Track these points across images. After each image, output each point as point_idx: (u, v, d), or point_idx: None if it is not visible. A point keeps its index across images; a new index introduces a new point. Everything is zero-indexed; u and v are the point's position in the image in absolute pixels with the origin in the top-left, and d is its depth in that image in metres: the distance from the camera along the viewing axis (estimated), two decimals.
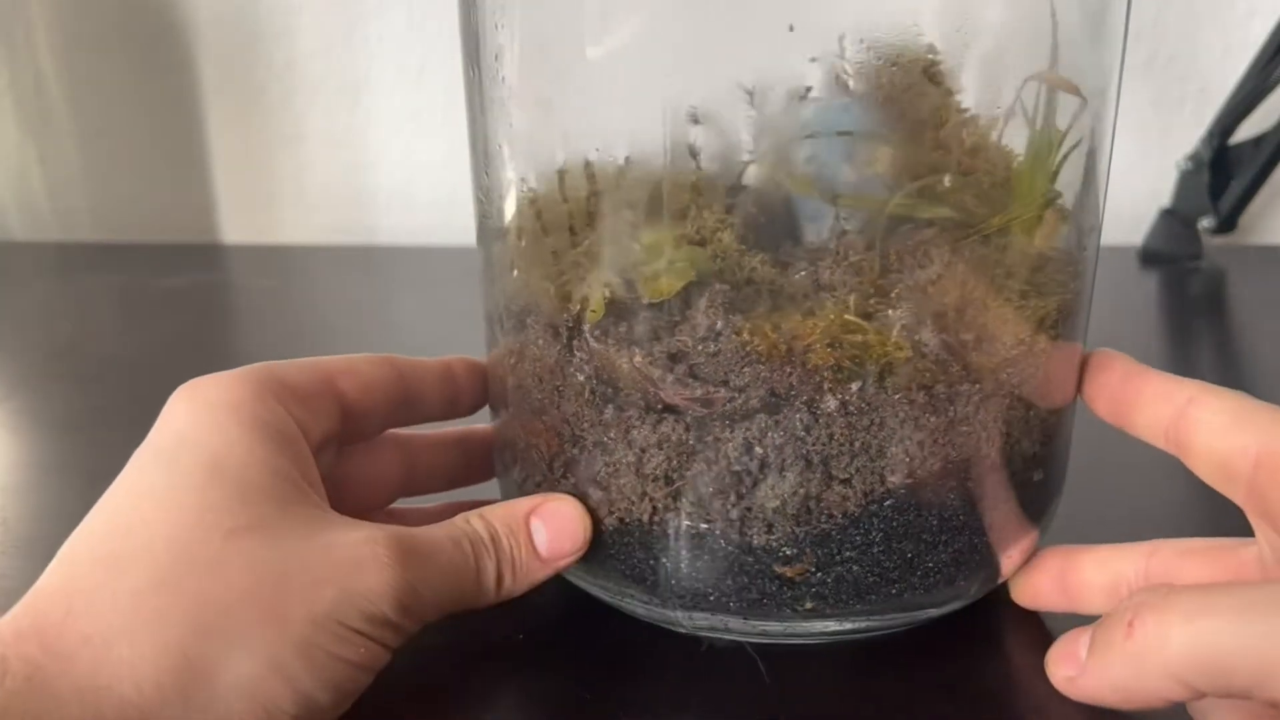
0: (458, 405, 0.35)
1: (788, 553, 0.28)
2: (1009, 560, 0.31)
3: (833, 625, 0.30)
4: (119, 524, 0.26)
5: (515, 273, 0.30)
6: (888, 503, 0.28)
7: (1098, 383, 0.31)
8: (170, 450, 0.27)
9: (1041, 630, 0.32)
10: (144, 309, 0.67)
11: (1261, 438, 0.26)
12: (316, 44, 0.79)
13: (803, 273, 0.26)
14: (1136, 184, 0.72)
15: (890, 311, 0.26)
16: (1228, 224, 0.71)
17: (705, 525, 0.28)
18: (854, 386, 0.27)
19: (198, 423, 0.27)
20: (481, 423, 0.36)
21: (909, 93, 0.26)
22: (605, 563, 0.30)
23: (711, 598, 0.29)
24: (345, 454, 0.33)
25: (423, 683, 0.30)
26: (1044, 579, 0.32)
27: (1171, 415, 0.28)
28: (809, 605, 0.29)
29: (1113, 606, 0.30)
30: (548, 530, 0.30)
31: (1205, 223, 0.71)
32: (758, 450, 0.27)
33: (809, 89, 0.26)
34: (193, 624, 0.24)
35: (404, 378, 0.33)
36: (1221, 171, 0.69)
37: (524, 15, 0.28)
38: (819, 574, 0.28)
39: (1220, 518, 0.30)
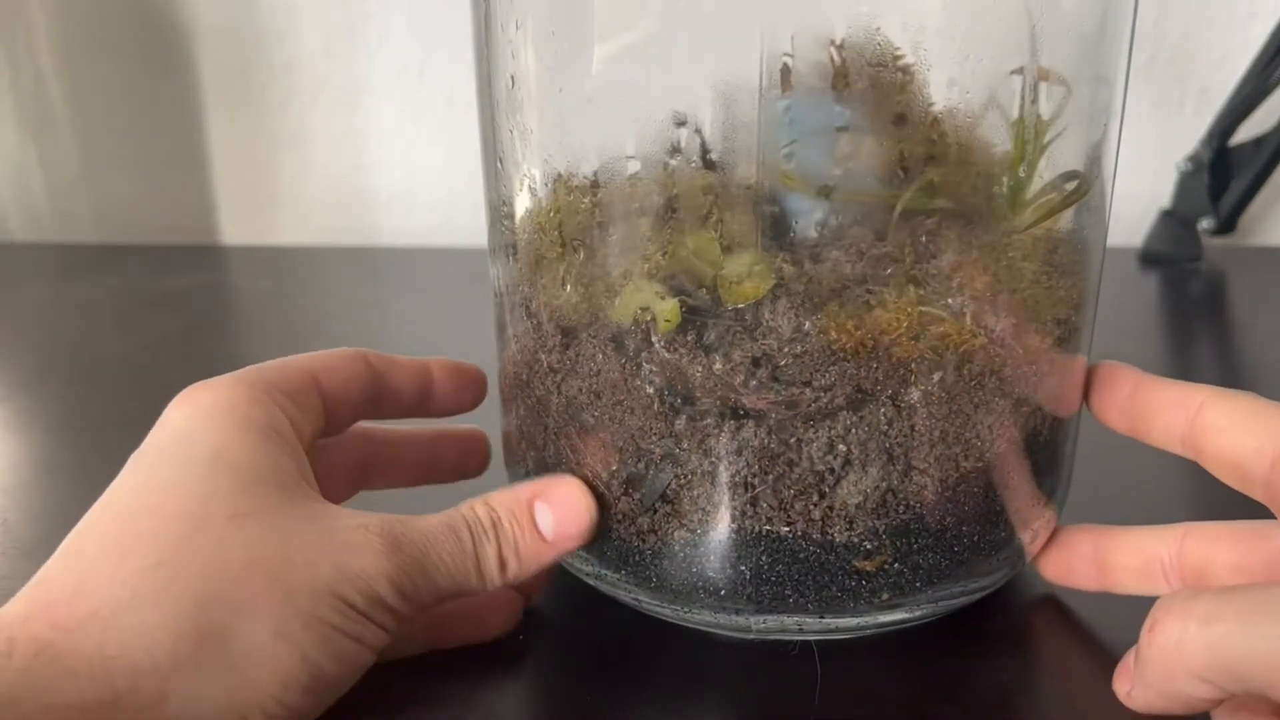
0: (429, 404, 0.35)
1: (868, 547, 0.28)
2: (1041, 535, 0.32)
3: (903, 614, 0.30)
4: (122, 515, 0.26)
5: (568, 289, 0.30)
6: (960, 488, 0.29)
7: (1108, 396, 0.31)
8: (171, 447, 0.28)
9: (1038, 626, 0.33)
10: (144, 310, 0.67)
11: (1276, 438, 0.27)
12: (317, 45, 0.79)
13: (857, 268, 0.27)
14: (1136, 185, 0.72)
15: (950, 300, 0.27)
16: (1228, 225, 0.71)
17: (786, 528, 0.28)
18: (936, 376, 0.27)
19: (197, 424, 0.28)
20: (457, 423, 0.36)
21: (893, 86, 0.26)
22: (673, 578, 0.30)
23: (790, 599, 0.29)
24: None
25: (424, 683, 0.30)
26: (1075, 558, 0.32)
27: (1185, 423, 0.29)
28: (885, 596, 0.29)
29: (1144, 587, 0.31)
30: (553, 514, 0.30)
31: (1205, 224, 0.71)
32: (840, 448, 0.28)
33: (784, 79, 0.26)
34: (198, 595, 0.24)
35: (377, 374, 0.33)
36: (1221, 173, 0.70)
37: (558, 16, 0.28)
38: (896, 565, 0.29)
39: (1211, 493, 0.30)
